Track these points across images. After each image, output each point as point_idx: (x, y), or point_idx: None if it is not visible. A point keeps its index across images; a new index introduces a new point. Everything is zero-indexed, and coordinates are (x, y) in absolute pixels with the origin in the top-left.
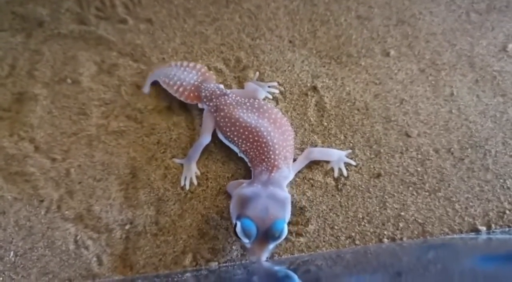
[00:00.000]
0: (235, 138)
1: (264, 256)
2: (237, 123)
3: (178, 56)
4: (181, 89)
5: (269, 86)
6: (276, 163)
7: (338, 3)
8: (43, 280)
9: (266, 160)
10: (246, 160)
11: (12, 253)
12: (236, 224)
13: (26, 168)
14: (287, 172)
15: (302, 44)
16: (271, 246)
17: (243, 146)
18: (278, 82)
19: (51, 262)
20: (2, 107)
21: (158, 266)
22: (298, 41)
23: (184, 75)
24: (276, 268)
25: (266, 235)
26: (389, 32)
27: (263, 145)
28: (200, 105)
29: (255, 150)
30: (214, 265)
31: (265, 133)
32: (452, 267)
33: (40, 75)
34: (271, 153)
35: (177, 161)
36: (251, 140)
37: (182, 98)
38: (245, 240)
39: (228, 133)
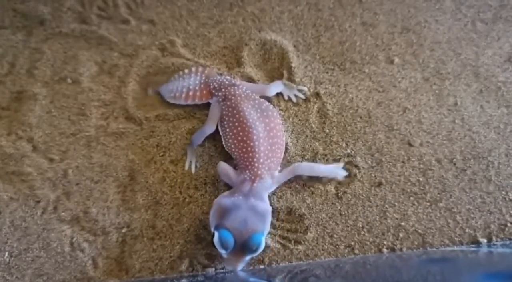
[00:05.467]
0: (227, 129)
1: (240, 266)
2: (237, 116)
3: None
4: (191, 93)
5: (298, 90)
6: (259, 172)
7: (343, 8)
8: None
9: (250, 167)
10: (232, 156)
11: (6, 253)
12: (214, 234)
13: (23, 168)
14: (270, 183)
15: (306, 49)
16: (248, 258)
17: (230, 140)
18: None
19: (46, 263)
20: (0, 105)
21: (154, 271)
22: (302, 46)
23: (186, 82)
24: (252, 279)
25: (243, 247)
26: (394, 40)
27: (249, 149)
28: (211, 101)
29: (239, 151)
30: (210, 271)
31: (254, 137)
32: (452, 281)
33: (40, 74)
34: (255, 160)
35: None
36: (239, 138)
37: (196, 101)
38: (222, 251)
39: (224, 123)
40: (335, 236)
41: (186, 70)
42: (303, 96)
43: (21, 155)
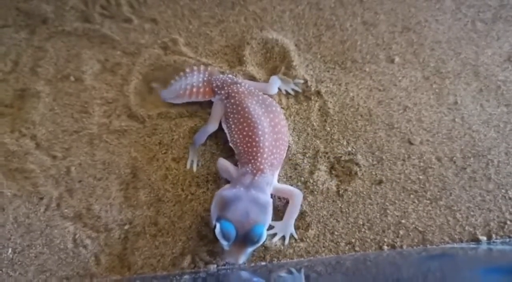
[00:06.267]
0: (232, 126)
1: (242, 259)
2: (241, 112)
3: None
4: (194, 89)
5: (294, 84)
6: (261, 166)
7: (344, 8)
8: (41, 278)
9: (252, 161)
10: (236, 151)
11: (10, 250)
12: (215, 225)
13: (26, 165)
14: (271, 179)
15: (307, 48)
16: (249, 250)
17: (235, 135)
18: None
19: (49, 260)
20: (4, 103)
21: (156, 267)
22: (303, 45)
23: (188, 80)
24: (255, 279)
25: (245, 239)
26: (394, 39)
27: (254, 143)
28: (213, 99)
29: (244, 145)
30: (212, 267)
31: (259, 132)
32: (452, 277)
33: (43, 72)
34: (259, 154)
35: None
36: (244, 133)
37: (199, 98)
38: (224, 242)
39: (229, 119)
40: (336, 233)
41: (187, 70)
42: (299, 90)
43: (25, 152)
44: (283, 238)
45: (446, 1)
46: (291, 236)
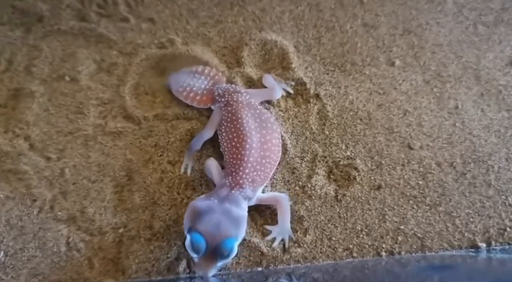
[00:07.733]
0: (224, 133)
1: (211, 272)
2: (234, 122)
3: None
4: (191, 94)
5: (286, 83)
6: (241, 181)
7: (344, 9)
8: None
9: (234, 173)
10: (224, 158)
11: (2, 252)
12: (186, 236)
13: (19, 166)
14: (251, 194)
15: (306, 50)
16: (219, 263)
17: (224, 143)
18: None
19: (41, 263)
20: None
21: (150, 272)
22: (302, 47)
23: (193, 81)
24: None
25: (215, 252)
26: (395, 42)
27: (239, 156)
28: (213, 107)
29: (230, 156)
30: None
31: (247, 146)
32: None
33: (38, 72)
34: (241, 168)
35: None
36: (232, 143)
37: (194, 104)
38: (193, 255)
39: (222, 127)
40: (333, 239)
41: (199, 68)
42: (291, 91)
43: (18, 153)
44: (283, 241)
45: (448, 3)
46: (290, 239)
